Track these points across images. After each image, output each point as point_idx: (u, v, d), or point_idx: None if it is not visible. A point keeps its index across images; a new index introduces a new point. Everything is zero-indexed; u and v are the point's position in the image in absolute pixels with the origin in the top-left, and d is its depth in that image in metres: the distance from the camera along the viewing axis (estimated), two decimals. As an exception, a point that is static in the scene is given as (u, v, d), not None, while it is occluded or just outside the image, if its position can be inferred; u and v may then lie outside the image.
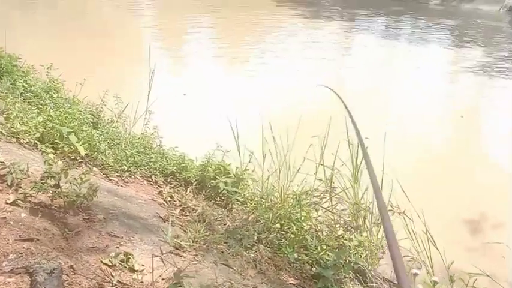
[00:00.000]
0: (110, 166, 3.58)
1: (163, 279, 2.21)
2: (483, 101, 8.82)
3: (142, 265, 2.24)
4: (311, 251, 3.07)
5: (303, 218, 3.30)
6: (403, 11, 16.57)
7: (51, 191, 2.47)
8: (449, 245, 3.77)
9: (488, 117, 7.97)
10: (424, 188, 5.04)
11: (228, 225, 3.12)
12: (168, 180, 3.69)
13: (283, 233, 3.23)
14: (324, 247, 3.10)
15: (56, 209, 2.44)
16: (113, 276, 2.08)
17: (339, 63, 10.97)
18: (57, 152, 3.26)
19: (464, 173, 5.72)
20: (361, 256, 3.11)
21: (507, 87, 9.22)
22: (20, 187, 2.48)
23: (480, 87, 9.31)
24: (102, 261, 2.16)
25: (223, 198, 3.58)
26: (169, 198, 3.34)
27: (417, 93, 8.78)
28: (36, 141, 3.46)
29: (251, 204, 3.55)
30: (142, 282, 2.14)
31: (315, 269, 2.94)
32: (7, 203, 2.31)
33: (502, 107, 8.33)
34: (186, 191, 3.52)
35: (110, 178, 3.47)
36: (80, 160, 3.46)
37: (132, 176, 3.63)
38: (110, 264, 2.17)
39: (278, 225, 3.24)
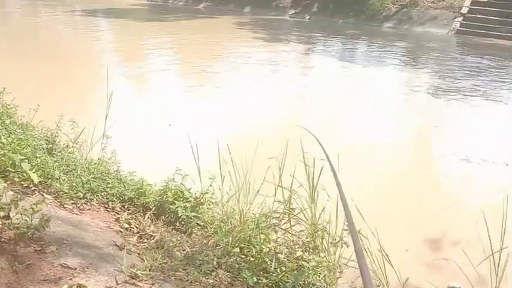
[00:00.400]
0: (65, 193, 3.48)
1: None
2: (435, 118, 9.19)
3: (97, 296, 2.19)
4: (271, 273, 3.08)
5: (262, 240, 3.31)
6: (358, 34, 17.22)
7: (0, 223, 2.39)
8: (406, 262, 3.89)
9: (441, 135, 8.29)
10: (380, 207, 5.18)
11: (187, 251, 3.09)
12: (126, 207, 3.62)
13: (243, 256, 3.22)
14: (284, 269, 3.11)
15: (6, 241, 2.35)
16: (65, 310, 2.02)
17: (294, 82, 11.27)
18: (8, 181, 3.15)
19: (418, 192, 5.91)
20: (319, 277, 3.15)
21: (453, 105, 9.66)
22: (-32, 219, 2.38)
23: (432, 105, 9.71)
24: (54, 295, 2.09)
25: (182, 223, 3.55)
26: (126, 225, 3.27)
27: (372, 111, 9.07)
28: (-14, 170, 3.34)
29: (211, 228, 3.54)
30: (96, 314, 2.09)
31: (274, 291, 2.95)
32: (-48, 237, 2.22)
33: (452, 124, 8.71)
34: (144, 217, 3.46)
35: (65, 206, 3.37)
36: (33, 188, 3.35)
37: (88, 203, 3.54)
38: (63, 297, 2.10)
39: (238, 249, 3.23)
